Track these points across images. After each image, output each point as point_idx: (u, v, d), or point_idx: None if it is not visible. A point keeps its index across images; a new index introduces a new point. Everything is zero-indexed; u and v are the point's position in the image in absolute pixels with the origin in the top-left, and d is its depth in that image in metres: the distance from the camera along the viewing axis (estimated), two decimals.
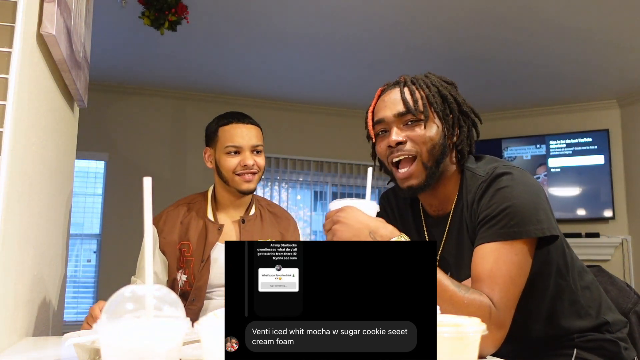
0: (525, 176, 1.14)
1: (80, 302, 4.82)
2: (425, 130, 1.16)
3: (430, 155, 1.16)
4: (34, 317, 1.29)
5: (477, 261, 1.08)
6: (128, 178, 4.75)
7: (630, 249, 5.01)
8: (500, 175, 1.12)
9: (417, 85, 1.20)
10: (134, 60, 4.41)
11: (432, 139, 1.16)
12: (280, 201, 5.42)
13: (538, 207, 1.09)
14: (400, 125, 1.18)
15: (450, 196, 1.23)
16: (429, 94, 1.18)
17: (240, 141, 1.63)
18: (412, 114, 1.16)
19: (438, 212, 1.26)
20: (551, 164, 5.31)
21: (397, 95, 1.19)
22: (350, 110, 5.55)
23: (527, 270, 1.08)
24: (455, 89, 1.23)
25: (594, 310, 1.20)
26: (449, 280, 1.03)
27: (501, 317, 1.02)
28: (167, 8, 2.82)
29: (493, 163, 1.20)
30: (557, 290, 1.19)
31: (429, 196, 1.25)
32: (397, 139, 1.17)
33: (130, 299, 0.61)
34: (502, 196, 1.10)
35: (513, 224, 1.06)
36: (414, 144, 1.16)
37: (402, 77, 1.24)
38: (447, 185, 1.22)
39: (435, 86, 1.20)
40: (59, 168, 1.50)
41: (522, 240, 1.07)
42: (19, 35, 0.98)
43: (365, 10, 3.50)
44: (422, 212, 1.31)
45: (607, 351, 1.18)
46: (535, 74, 4.58)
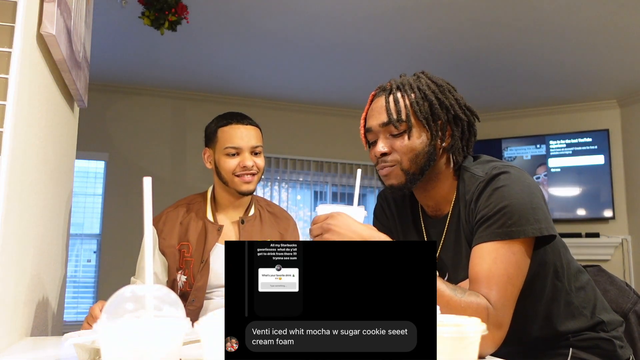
0: (523, 176, 1.14)
1: (80, 302, 4.82)
2: (409, 141, 1.17)
3: (412, 164, 1.17)
4: (34, 317, 1.28)
5: (475, 261, 1.08)
6: (128, 178, 4.75)
7: (630, 249, 5.01)
8: (498, 175, 1.12)
9: (402, 92, 1.19)
10: (134, 60, 4.41)
11: (415, 149, 1.16)
12: (280, 201, 5.42)
13: (536, 206, 1.08)
14: (386, 135, 1.19)
15: (448, 197, 1.23)
16: (414, 100, 1.17)
17: (240, 142, 1.62)
18: (394, 125, 1.16)
19: (436, 212, 1.26)
20: (551, 164, 5.31)
21: (383, 103, 1.19)
22: (350, 110, 5.55)
23: (525, 270, 1.08)
24: (443, 91, 1.20)
25: (588, 310, 1.20)
26: (445, 285, 1.03)
27: (499, 317, 1.02)
28: (167, 8, 2.82)
29: (491, 163, 1.20)
30: (553, 291, 1.19)
31: (425, 197, 1.25)
32: (381, 150, 1.19)
33: (130, 299, 0.61)
34: (499, 196, 1.09)
35: (511, 224, 1.06)
36: (397, 154, 1.18)
37: (389, 82, 1.23)
38: (442, 187, 1.22)
39: (422, 90, 1.18)
40: (59, 168, 1.50)
41: (519, 240, 1.06)
42: (19, 35, 0.98)
43: (365, 10, 3.50)
44: (421, 213, 1.31)
45: (602, 350, 1.18)
46: (535, 74, 4.58)
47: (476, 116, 1.23)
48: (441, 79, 1.23)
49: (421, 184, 1.22)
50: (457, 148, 1.20)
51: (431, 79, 1.22)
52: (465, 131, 1.21)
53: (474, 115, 1.23)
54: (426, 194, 1.24)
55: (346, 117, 5.58)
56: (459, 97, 1.22)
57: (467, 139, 1.22)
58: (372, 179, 5.58)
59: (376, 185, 5.66)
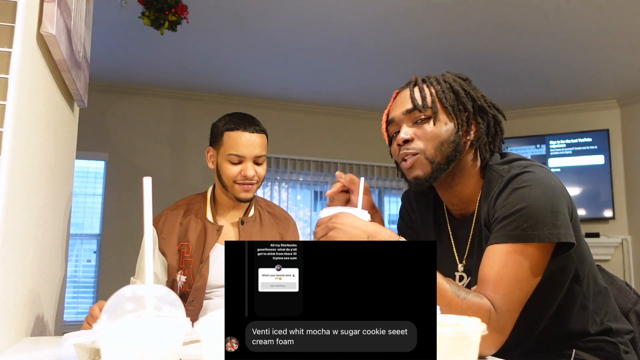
0: (548, 177, 1.08)
1: (80, 302, 4.82)
2: (434, 128, 1.13)
3: (438, 152, 1.13)
4: (34, 317, 1.28)
5: (486, 262, 1.04)
6: (128, 178, 4.75)
7: (630, 249, 5.01)
8: (520, 174, 1.07)
9: (427, 83, 1.18)
10: (134, 60, 4.41)
11: (440, 136, 1.13)
12: (280, 201, 5.42)
13: (556, 210, 1.02)
14: (409, 123, 1.16)
15: (473, 196, 1.18)
16: (439, 89, 1.16)
17: (244, 151, 1.61)
18: (419, 110, 1.14)
19: (461, 212, 1.22)
20: (551, 164, 5.30)
21: (408, 94, 1.18)
22: (350, 110, 5.55)
23: (538, 276, 1.03)
24: (470, 84, 1.19)
25: (599, 317, 1.17)
26: (448, 283, 1.00)
27: (501, 322, 0.99)
28: (167, 8, 2.81)
29: (517, 161, 1.15)
30: (570, 294, 1.15)
31: (449, 195, 1.21)
32: (404, 136, 1.15)
33: (131, 299, 0.61)
34: (518, 196, 1.04)
35: (526, 227, 1.01)
36: (421, 141, 1.14)
37: (414, 77, 1.22)
38: (467, 184, 1.18)
39: (447, 82, 1.17)
40: (59, 168, 1.50)
41: (534, 245, 1.01)
42: (19, 35, 0.98)
43: (365, 10, 3.50)
44: (447, 214, 1.26)
45: (606, 352, 1.15)
46: (535, 74, 4.58)
47: (502, 114, 1.21)
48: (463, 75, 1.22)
49: (446, 180, 1.17)
50: (483, 143, 1.16)
51: (458, 75, 1.21)
52: (491, 127, 1.18)
53: (500, 112, 1.20)
54: (451, 191, 1.20)
55: (346, 117, 5.58)
56: (485, 95, 1.20)
57: (494, 135, 1.19)
58: (371, 178, 5.57)
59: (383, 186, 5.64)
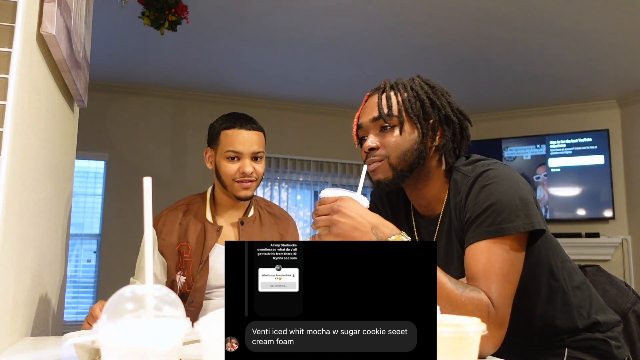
0: (510, 171, 1.13)
1: (80, 302, 4.82)
2: (399, 137, 1.17)
3: (401, 160, 1.17)
4: (34, 317, 1.29)
5: (470, 262, 1.07)
6: (128, 178, 4.75)
7: (630, 249, 5.01)
8: (484, 172, 1.12)
9: (395, 90, 1.21)
10: (134, 60, 4.41)
11: (404, 145, 1.17)
12: (280, 201, 5.42)
13: (525, 201, 1.07)
14: (375, 131, 1.20)
15: (439, 197, 1.22)
16: (406, 98, 1.19)
17: (241, 148, 1.62)
18: (384, 119, 1.18)
19: (428, 212, 1.26)
20: (551, 164, 5.31)
21: (376, 101, 1.21)
22: (350, 110, 5.55)
23: (520, 267, 1.07)
24: (436, 92, 1.21)
25: (584, 310, 1.19)
26: (447, 278, 1.01)
27: (500, 316, 1.01)
28: (167, 8, 2.81)
29: (479, 161, 1.20)
30: (550, 291, 1.18)
31: (416, 196, 1.25)
32: (370, 144, 1.20)
33: (131, 299, 0.61)
34: (487, 193, 1.09)
35: (500, 220, 1.05)
36: (385, 150, 1.18)
37: (383, 82, 1.25)
38: (433, 186, 1.22)
39: (414, 90, 1.20)
40: (59, 168, 1.50)
41: (511, 237, 1.05)
42: (19, 35, 0.98)
43: (365, 10, 3.50)
44: (413, 213, 1.31)
45: (598, 350, 1.17)
46: (535, 74, 4.58)
47: (468, 120, 1.24)
48: (436, 83, 1.24)
49: (412, 183, 1.22)
50: (448, 149, 1.20)
51: (425, 81, 1.23)
52: (456, 133, 1.21)
53: (467, 119, 1.23)
54: (417, 193, 1.24)
55: (346, 117, 5.57)
56: (452, 101, 1.22)
57: (459, 141, 1.22)
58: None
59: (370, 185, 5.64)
